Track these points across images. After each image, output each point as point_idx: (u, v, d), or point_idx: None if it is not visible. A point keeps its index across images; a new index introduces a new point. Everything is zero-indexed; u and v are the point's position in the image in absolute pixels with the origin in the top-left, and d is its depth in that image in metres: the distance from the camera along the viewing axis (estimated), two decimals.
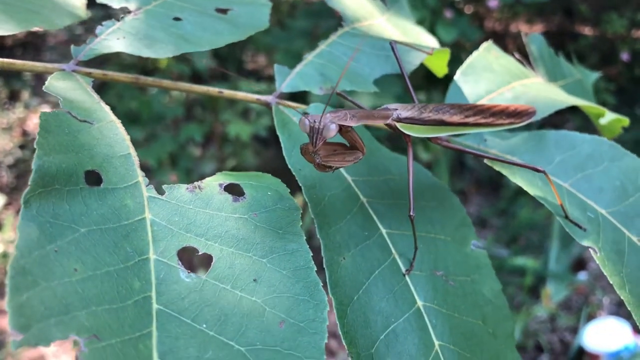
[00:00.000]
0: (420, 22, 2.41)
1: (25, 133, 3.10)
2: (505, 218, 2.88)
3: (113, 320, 0.35)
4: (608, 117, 0.68)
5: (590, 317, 2.34)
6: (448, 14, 2.58)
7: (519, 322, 2.20)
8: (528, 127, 0.67)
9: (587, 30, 4.09)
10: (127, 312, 0.36)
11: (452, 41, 2.51)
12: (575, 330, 2.32)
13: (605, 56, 3.86)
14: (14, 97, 3.15)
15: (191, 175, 2.53)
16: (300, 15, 2.98)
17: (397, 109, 0.52)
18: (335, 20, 0.75)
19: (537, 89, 0.69)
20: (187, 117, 2.83)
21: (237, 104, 2.61)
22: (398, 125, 0.51)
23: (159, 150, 2.36)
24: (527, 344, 2.25)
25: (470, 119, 0.55)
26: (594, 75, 0.86)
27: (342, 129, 0.47)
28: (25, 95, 3.18)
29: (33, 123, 3.14)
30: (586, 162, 0.61)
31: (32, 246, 0.36)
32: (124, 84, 0.57)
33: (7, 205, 2.64)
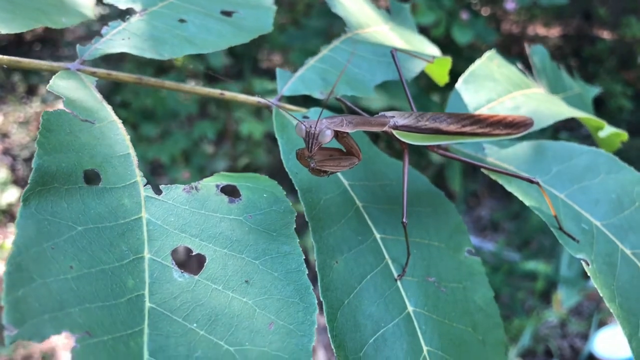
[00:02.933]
0: (436, 23, 2.41)
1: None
2: (517, 222, 2.87)
3: (106, 318, 0.36)
4: (607, 131, 0.68)
5: (601, 324, 2.33)
6: (464, 15, 2.57)
7: (529, 326, 2.19)
8: (528, 136, 0.68)
9: (605, 34, 4.06)
10: (120, 310, 0.37)
11: (468, 43, 2.50)
12: (585, 337, 2.31)
13: (623, 60, 3.84)
14: (31, 92, 3.18)
15: (204, 172, 2.55)
16: (315, 14, 2.99)
17: (394, 117, 0.52)
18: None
19: (538, 99, 0.69)
20: (201, 114, 2.84)
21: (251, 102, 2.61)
22: (395, 132, 0.52)
23: (172, 147, 2.38)
24: (537, 349, 2.25)
25: (467, 129, 0.55)
26: (595, 90, 0.86)
27: (338, 135, 0.48)
28: (43, 89, 3.21)
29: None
30: (583, 173, 0.62)
31: (29, 243, 0.37)
32: (131, 83, 0.58)
33: None
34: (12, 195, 2.61)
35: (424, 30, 2.76)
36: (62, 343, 2.15)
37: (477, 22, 2.65)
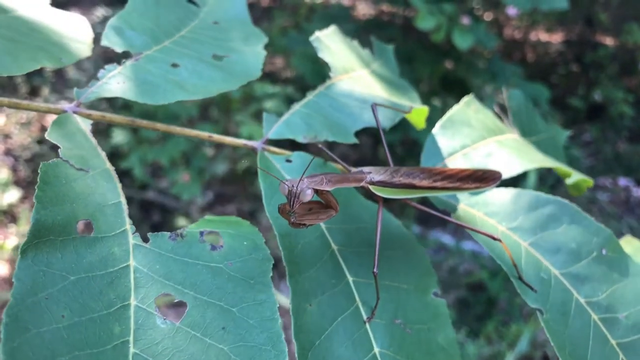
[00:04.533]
0: (436, 28, 2.45)
1: (43, 128, 3.14)
2: None
3: None
4: (574, 177, 0.72)
5: None
6: (465, 20, 2.60)
7: (527, 332, 2.23)
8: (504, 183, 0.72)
9: (607, 40, 4.12)
10: (106, 356, 0.41)
11: (469, 48, 2.54)
12: None
13: (625, 66, 3.89)
14: (34, 93, 3.19)
15: (203, 175, 2.58)
16: (317, 18, 3.03)
17: (370, 172, 0.56)
18: (352, 24, 0.80)
19: (511, 146, 0.73)
20: (202, 117, 2.87)
21: (251, 106, 2.65)
22: (371, 187, 0.56)
23: (172, 150, 2.41)
24: (534, 355, 2.29)
25: (439, 184, 0.59)
26: (565, 134, 0.90)
27: (318, 191, 0.52)
28: (45, 91, 3.23)
29: (51, 119, 3.18)
30: (547, 222, 0.66)
31: (25, 294, 0.40)
32: (123, 123, 0.61)
33: (23, 199, 2.69)
34: (13, 196, 2.63)
35: (424, 36, 2.80)
36: None
37: (478, 27, 2.68)
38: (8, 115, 3.11)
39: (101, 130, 2.56)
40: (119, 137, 2.41)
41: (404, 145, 2.88)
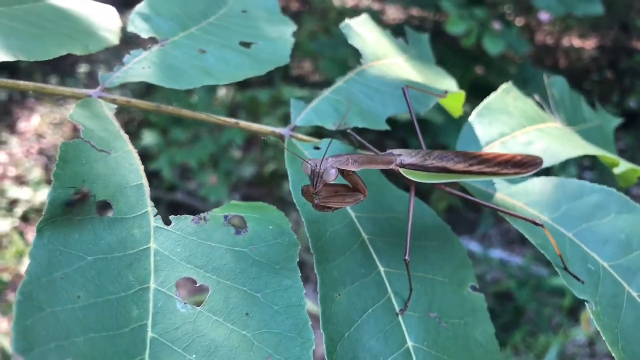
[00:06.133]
0: (467, 33, 2.40)
1: (75, 129, 3.22)
2: None
3: (109, 347, 0.38)
4: (623, 167, 0.68)
5: None
6: (497, 25, 2.55)
7: (556, 344, 2.15)
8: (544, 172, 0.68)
9: None
10: (123, 340, 0.39)
11: (500, 53, 2.48)
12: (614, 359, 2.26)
13: None
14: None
15: (230, 177, 2.59)
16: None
17: (401, 155, 0.53)
18: (382, 28, 0.77)
19: (553, 134, 0.69)
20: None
21: (278, 110, 2.65)
22: (401, 170, 0.53)
23: (200, 152, 2.43)
24: None
25: (475, 168, 0.56)
26: (617, 121, 0.85)
27: (344, 173, 0.49)
28: (74, 84, 3.31)
29: None
30: (593, 212, 0.61)
31: (41, 273, 0.39)
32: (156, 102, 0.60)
33: None
34: (45, 194, 2.69)
35: (454, 41, 2.76)
36: None
37: (510, 33, 2.63)
38: (42, 116, 3.19)
39: (131, 132, 2.59)
40: (148, 138, 2.44)
41: (433, 149, 2.83)
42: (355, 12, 3.72)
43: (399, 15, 4.09)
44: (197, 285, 0.45)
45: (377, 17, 3.12)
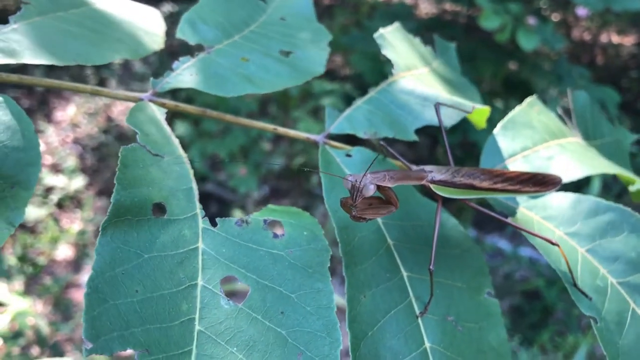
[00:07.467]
0: (500, 28, 2.40)
1: (109, 119, 3.29)
2: None
3: (162, 338, 0.43)
4: (638, 185, 0.71)
5: None
6: (531, 20, 2.54)
7: (585, 344, 2.17)
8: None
9: None
10: (174, 331, 0.44)
11: (534, 49, 2.48)
12: None
13: None
14: (102, 84, 3.34)
15: (259, 169, 2.64)
16: (378, 16, 3.02)
17: (432, 171, 0.57)
18: (414, 23, 0.81)
19: (572, 150, 0.73)
20: (261, 112, 2.93)
21: (308, 103, 2.69)
22: (432, 186, 0.57)
23: (231, 143, 2.48)
24: None
25: (499, 185, 0.60)
26: (632, 137, 0.88)
27: (380, 187, 0.53)
28: (113, 83, 3.38)
29: (117, 110, 3.34)
30: (606, 229, 0.65)
31: (105, 268, 0.44)
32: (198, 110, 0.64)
33: (88, 185, 2.83)
34: (79, 182, 2.77)
35: (487, 35, 2.75)
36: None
37: (545, 28, 2.61)
38: (78, 106, 3.26)
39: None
40: (180, 129, 2.50)
41: (463, 147, 2.85)
42: (387, 5, 3.71)
43: (431, 9, 4.07)
44: (238, 283, 0.50)
45: (410, 11, 3.11)
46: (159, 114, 0.59)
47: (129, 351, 0.41)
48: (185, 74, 0.62)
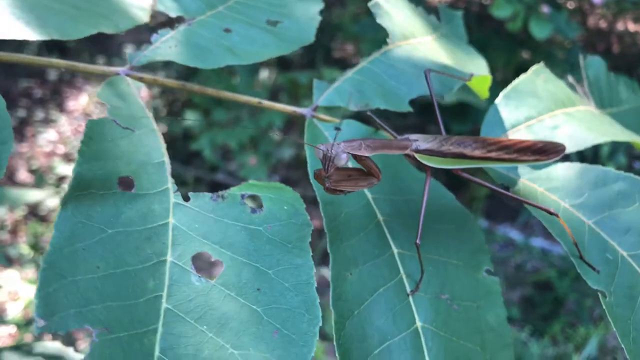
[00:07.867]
0: (512, 17, 2.33)
1: None
2: None
3: (125, 315, 0.41)
4: None
5: None
6: (545, 9, 2.46)
7: (596, 336, 2.12)
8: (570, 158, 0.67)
9: None
10: (139, 309, 0.42)
11: (546, 38, 2.40)
12: None
13: None
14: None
15: (270, 159, 2.63)
16: None
17: (417, 140, 0.54)
18: (426, 11, 0.77)
19: (581, 119, 0.68)
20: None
21: None
22: (416, 155, 0.54)
23: (241, 134, 2.47)
24: None
25: (493, 154, 0.56)
26: None
27: (356, 157, 0.50)
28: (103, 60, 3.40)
29: None
30: (616, 200, 0.60)
31: (63, 243, 0.41)
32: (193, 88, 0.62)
33: None
34: None
35: (500, 24, 2.67)
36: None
37: (559, 16, 2.52)
38: (90, 95, 3.29)
39: (175, 112, 2.65)
40: (190, 118, 2.49)
41: (474, 135, 2.78)
42: None
43: None
44: (212, 260, 0.47)
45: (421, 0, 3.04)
46: (134, 87, 0.56)
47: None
48: (163, 47, 0.60)
